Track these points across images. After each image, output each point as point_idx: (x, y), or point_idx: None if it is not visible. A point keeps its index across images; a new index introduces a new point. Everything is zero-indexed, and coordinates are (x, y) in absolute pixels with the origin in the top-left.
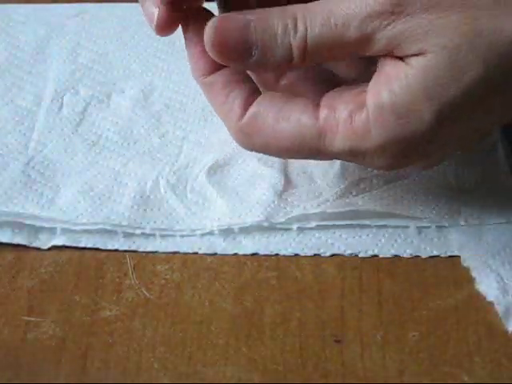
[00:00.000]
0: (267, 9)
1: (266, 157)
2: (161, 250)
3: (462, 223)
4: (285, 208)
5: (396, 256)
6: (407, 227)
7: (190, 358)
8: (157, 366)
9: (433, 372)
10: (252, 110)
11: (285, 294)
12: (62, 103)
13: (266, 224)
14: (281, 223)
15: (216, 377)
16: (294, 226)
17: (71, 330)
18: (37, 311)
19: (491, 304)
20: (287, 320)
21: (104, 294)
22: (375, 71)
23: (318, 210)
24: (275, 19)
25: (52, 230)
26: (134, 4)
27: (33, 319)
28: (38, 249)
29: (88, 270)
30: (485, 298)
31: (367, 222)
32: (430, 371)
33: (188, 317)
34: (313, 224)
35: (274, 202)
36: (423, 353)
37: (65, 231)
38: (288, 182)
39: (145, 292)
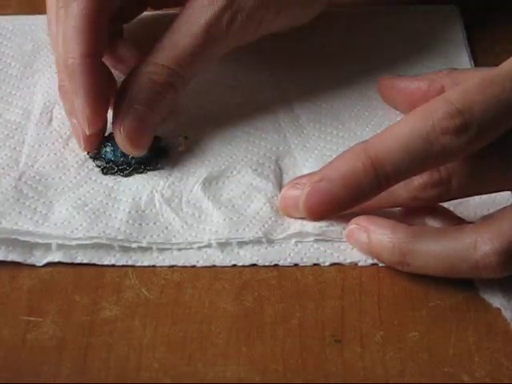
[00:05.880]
0: None
1: (261, 167)
2: (158, 264)
3: None
4: (282, 224)
5: None
6: None
7: (190, 358)
8: (157, 366)
9: (433, 372)
10: None
11: (285, 294)
12: (51, 116)
13: (264, 240)
14: (279, 239)
15: (216, 377)
16: (293, 241)
17: (71, 330)
18: (37, 311)
19: (491, 304)
20: (287, 320)
21: (104, 293)
22: None
23: (315, 232)
24: None
25: (47, 246)
26: None
27: (33, 319)
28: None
29: (88, 269)
30: (485, 298)
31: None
32: (430, 371)
33: (188, 317)
34: (311, 239)
35: (271, 218)
36: (423, 353)
37: (60, 247)
38: None
39: (145, 292)
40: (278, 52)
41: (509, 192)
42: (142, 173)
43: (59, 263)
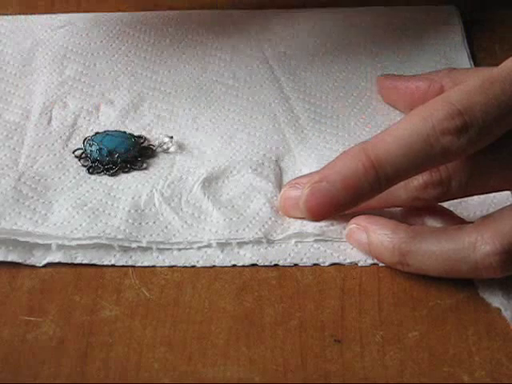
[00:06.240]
0: None
1: (260, 167)
2: (158, 264)
3: None
4: (282, 224)
5: None
6: None
7: (190, 358)
8: (157, 366)
9: (433, 372)
10: None
11: (285, 294)
12: (50, 117)
13: (264, 240)
14: (279, 239)
15: (216, 377)
16: (293, 241)
17: (71, 330)
18: (37, 311)
19: (491, 304)
20: (287, 320)
21: (104, 293)
22: None
23: (315, 232)
24: None
25: (47, 247)
26: (119, 14)
27: (33, 319)
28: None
29: (88, 269)
30: (484, 298)
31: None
32: (430, 371)
33: (188, 317)
34: (311, 239)
35: (271, 218)
36: (423, 353)
37: (60, 247)
38: None
39: (145, 292)
40: (278, 52)
41: (508, 192)
42: (127, 172)
43: (59, 263)
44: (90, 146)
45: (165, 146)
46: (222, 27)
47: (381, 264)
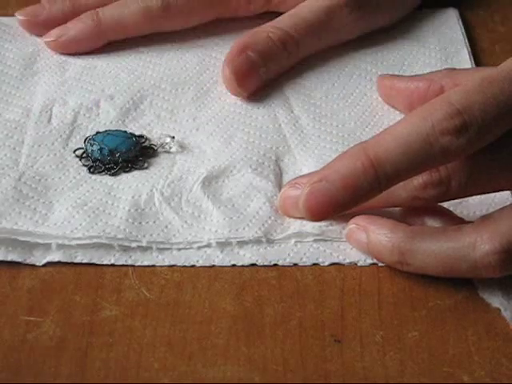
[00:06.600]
0: None
1: (260, 167)
2: (158, 263)
3: None
4: (282, 224)
5: None
6: None
7: (190, 358)
8: (157, 366)
9: (433, 372)
10: None
11: (285, 294)
12: (50, 115)
13: (263, 240)
14: (279, 239)
15: (216, 377)
16: (292, 241)
17: (71, 330)
18: (37, 311)
19: (490, 304)
20: (287, 320)
21: (104, 293)
22: None
23: (315, 231)
24: None
25: (47, 246)
26: None
27: (33, 319)
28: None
29: (88, 269)
30: (484, 298)
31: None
32: (430, 371)
33: (188, 317)
34: (310, 239)
35: (270, 217)
36: (423, 353)
37: (60, 247)
38: None
39: (145, 292)
40: None
41: (508, 192)
42: (128, 172)
43: (59, 263)
44: (91, 145)
45: (167, 147)
46: (222, 27)
47: (380, 264)
